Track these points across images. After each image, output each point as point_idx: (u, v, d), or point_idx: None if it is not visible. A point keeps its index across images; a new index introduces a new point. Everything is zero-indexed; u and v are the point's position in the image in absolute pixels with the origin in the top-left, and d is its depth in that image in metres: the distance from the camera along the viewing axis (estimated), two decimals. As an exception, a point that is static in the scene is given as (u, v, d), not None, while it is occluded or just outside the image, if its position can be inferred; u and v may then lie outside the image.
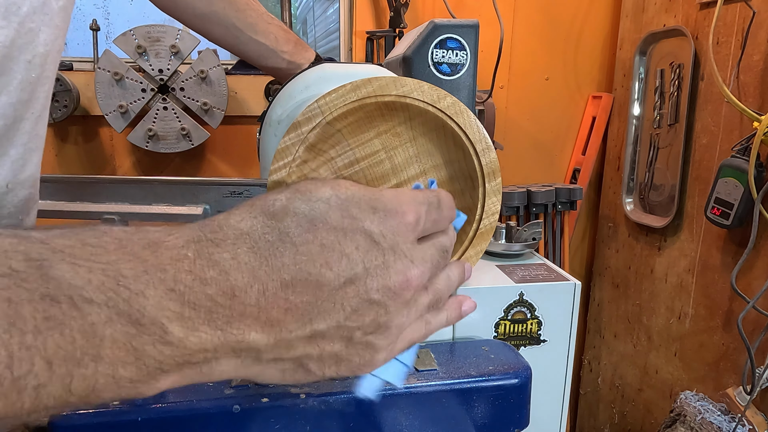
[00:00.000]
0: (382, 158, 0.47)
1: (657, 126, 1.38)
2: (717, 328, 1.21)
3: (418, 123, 0.46)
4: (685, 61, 1.27)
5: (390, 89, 0.43)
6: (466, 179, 0.47)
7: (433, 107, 0.44)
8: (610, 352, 1.62)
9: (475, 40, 0.76)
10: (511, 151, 1.56)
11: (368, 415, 0.64)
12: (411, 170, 0.48)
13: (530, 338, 0.85)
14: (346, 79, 0.42)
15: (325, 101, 0.42)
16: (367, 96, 0.42)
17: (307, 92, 0.58)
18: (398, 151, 0.47)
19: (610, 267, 1.61)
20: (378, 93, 0.43)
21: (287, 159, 0.42)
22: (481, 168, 0.46)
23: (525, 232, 1.02)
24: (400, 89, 0.43)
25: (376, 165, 0.47)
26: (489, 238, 0.47)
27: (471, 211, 0.47)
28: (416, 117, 0.45)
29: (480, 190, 0.46)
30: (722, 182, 1.10)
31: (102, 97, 1.17)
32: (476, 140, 0.45)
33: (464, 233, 0.47)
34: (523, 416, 0.70)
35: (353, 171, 0.47)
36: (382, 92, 0.43)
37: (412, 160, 0.48)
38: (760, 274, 1.08)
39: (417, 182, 0.46)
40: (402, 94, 0.43)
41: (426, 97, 0.43)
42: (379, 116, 0.45)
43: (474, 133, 0.45)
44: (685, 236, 1.30)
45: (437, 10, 1.40)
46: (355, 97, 0.42)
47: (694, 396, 1.19)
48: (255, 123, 1.36)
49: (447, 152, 0.47)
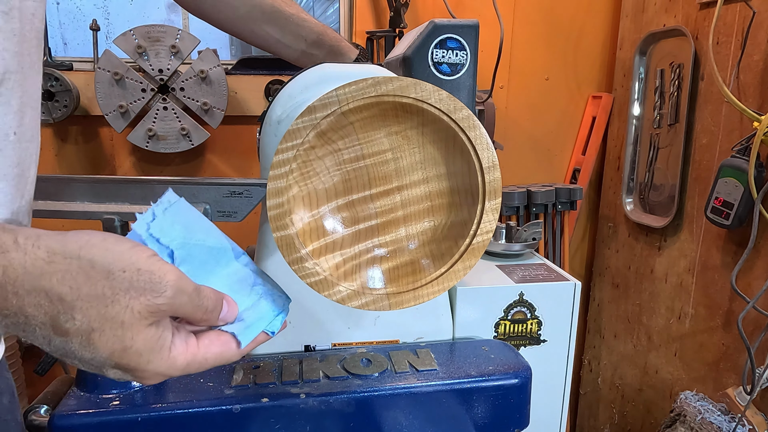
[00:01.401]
0: (387, 159, 0.47)
1: (657, 126, 1.38)
2: (717, 328, 1.21)
3: (430, 130, 0.46)
4: (685, 61, 1.27)
5: (410, 91, 0.43)
6: (467, 194, 0.47)
7: (447, 117, 0.44)
8: (610, 352, 1.62)
9: (475, 40, 0.76)
10: (511, 151, 1.56)
11: (368, 415, 0.64)
12: (414, 176, 0.48)
13: (530, 338, 0.85)
14: (346, 79, 0.42)
15: (344, 91, 0.42)
16: (386, 93, 0.42)
17: (307, 92, 0.58)
18: (405, 155, 0.47)
19: (610, 267, 1.61)
20: (398, 93, 0.43)
21: (296, 141, 0.42)
22: (483, 186, 0.45)
23: (525, 232, 1.02)
24: (419, 93, 0.43)
25: (381, 165, 0.47)
26: (480, 255, 0.47)
27: (466, 226, 0.47)
28: (429, 124, 0.45)
29: (479, 207, 0.46)
30: (722, 182, 1.10)
31: (102, 97, 1.17)
32: (484, 157, 0.45)
33: (455, 246, 0.47)
34: (523, 416, 0.70)
35: (358, 166, 0.47)
36: (402, 93, 0.43)
37: (417, 166, 0.48)
38: (760, 274, 1.08)
39: (415, 189, 0.46)
40: (420, 98, 0.43)
41: (443, 106, 0.43)
42: (393, 116, 0.45)
43: (483, 150, 0.45)
44: (685, 236, 1.30)
45: (437, 10, 1.40)
46: (375, 93, 0.42)
47: (694, 396, 1.19)
48: (255, 123, 1.35)
49: (452, 164, 0.47)
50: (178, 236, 0.41)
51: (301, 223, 0.45)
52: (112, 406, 0.59)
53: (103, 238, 0.36)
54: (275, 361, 0.68)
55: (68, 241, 0.35)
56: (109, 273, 0.34)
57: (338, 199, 0.47)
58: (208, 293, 0.39)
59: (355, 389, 0.63)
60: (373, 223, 0.49)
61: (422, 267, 0.48)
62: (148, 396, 0.62)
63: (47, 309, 0.34)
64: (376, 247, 0.49)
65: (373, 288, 0.47)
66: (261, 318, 0.43)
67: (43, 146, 1.26)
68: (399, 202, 0.48)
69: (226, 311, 0.41)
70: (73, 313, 0.34)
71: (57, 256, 0.34)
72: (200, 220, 0.43)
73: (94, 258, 0.34)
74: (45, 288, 0.33)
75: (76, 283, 0.34)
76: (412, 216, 0.49)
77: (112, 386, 0.62)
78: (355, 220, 0.48)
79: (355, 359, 0.68)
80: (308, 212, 0.46)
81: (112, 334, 0.35)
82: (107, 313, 0.34)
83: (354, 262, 0.48)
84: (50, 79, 1.17)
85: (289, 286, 0.57)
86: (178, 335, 0.38)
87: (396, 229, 0.49)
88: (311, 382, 0.64)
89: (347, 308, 0.47)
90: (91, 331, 0.34)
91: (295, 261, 0.44)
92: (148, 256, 0.36)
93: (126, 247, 0.36)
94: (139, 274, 0.35)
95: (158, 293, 0.35)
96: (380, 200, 0.48)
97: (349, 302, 0.46)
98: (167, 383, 0.64)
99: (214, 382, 0.64)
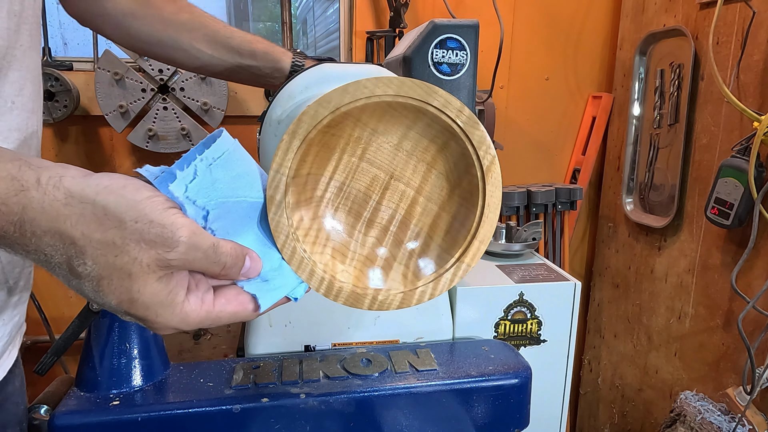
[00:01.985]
0: (388, 158, 0.47)
1: (657, 126, 1.38)
2: (717, 328, 1.21)
3: (431, 130, 0.45)
4: (685, 61, 1.27)
5: (415, 93, 0.42)
6: (466, 194, 0.47)
7: (448, 117, 0.43)
8: (610, 352, 1.62)
9: (475, 40, 0.76)
10: (511, 151, 1.56)
11: (368, 415, 0.64)
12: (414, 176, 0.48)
13: (530, 338, 0.85)
14: (347, 79, 0.42)
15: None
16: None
17: (307, 92, 0.57)
18: (405, 155, 0.47)
19: (610, 267, 1.61)
20: (417, 96, 0.42)
21: (299, 138, 0.42)
22: (483, 185, 0.45)
23: (525, 232, 1.02)
24: (440, 100, 0.43)
25: (381, 165, 0.47)
26: (480, 255, 0.47)
27: (466, 226, 0.47)
28: (432, 124, 0.45)
29: (479, 207, 0.46)
30: (722, 182, 1.10)
31: (102, 97, 1.17)
32: (484, 157, 0.45)
33: (455, 246, 0.47)
34: (523, 416, 0.70)
35: (358, 166, 0.47)
36: (404, 93, 0.42)
37: (417, 166, 0.48)
38: (760, 274, 1.08)
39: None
40: (430, 103, 0.43)
41: (448, 109, 0.43)
42: (393, 115, 0.44)
43: (483, 150, 0.45)
44: (685, 236, 1.30)
45: (437, 10, 1.40)
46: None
47: (694, 396, 1.19)
48: (255, 123, 1.35)
49: (453, 164, 0.47)
50: (217, 195, 0.38)
51: (301, 222, 0.45)
52: (112, 406, 0.59)
53: (123, 184, 0.35)
54: (275, 361, 0.68)
55: (89, 184, 0.34)
56: (120, 222, 0.33)
57: (338, 198, 0.47)
58: (228, 249, 0.38)
59: (355, 389, 0.63)
60: (372, 223, 0.49)
61: (422, 267, 0.48)
62: (148, 396, 0.62)
63: (62, 251, 0.33)
64: (376, 247, 0.49)
65: (373, 288, 0.47)
66: (285, 281, 0.42)
67: (44, 146, 1.26)
68: (399, 203, 0.48)
69: (248, 267, 0.40)
70: (84, 258, 0.34)
71: (74, 199, 0.33)
72: (247, 173, 0.40)
73: (108, 204, 0.34)
74: (60, 230, 0.33)
75: (89, 229, 0.33)
76: (412, 216, 0.49)
77: (112, 386, 0.62)
78: (355, 220, 0.48)
79: (355, 359, 0.68)
80: (308, 211, 0.46)
81: (120, 284, 0.34)
82: (116, 262, 0.34)
83: (354, 262, 0.48)
84: (50, 79, 1.17)
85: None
86: (194, 291, 0.38)
87: (396, 228, 0.49)
88: (311, 382, 0.64)
89: (347, 308, 0.47)
90: (100, 278, 0.34)
91: (295, 260, 0.44)
92: (164, 208, 0.35)
93: (143, 196, 0.34)
94: (151, 226, 0.34)
95: (169, 248, 0.34)
96: (380, 200, 0.48)
97: (348, 302, 0.46)
98: (167, 383, 0.64)
99: (214, 382, 0.64)
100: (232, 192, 0.39)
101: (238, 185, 0.40)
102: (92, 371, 0.62)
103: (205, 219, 0.38)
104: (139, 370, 0.63)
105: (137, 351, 0.63)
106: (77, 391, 0.62)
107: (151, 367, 0.64)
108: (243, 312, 0.40)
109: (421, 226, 0.49)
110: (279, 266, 0.42)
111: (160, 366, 0.65)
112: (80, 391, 0.62)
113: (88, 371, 0.62)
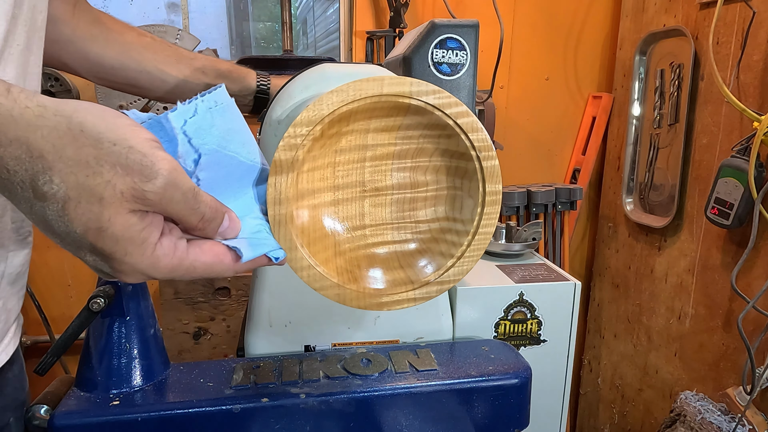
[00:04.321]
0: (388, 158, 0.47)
1: (657, 126, 1.38)
2: (717, 328, 1.21)
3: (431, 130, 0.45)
4: (685, 61, 1.27)
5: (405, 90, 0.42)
6: (466, 193, 0.47)
7: (447, 116, 0.43)
8: (610, 352, 1.62)
9: (475, 40, 0.76)
10: (511, 151, 1.56)
11: (368, 415, 0.64)
12: (414, 176, 0.48)
13: (530, 338, 0.85)
14: (347, 78, 0.42)
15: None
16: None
17: (307, 92, 0.57)
18: (405, 155, 0.47)
19: (610, 267, 1.61)
20: (417, 95, 0.43)
21: (301, 134, 0.41)
22: (483, 186, 0.46)
23: (525, 232, 1.02)
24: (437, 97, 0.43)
25: (381, 164, 0.47)
26: (480, 255, 0.47)
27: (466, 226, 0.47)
28: (431, 126, 0.45)
29: (478, 207, 0.46)
30: (722, 182, 1.10)
31: (102, 97, 1.17)
32: (484, 156, 0.45)
33: (455, 246, 0.47)
34: (523, 416, 0.70)
35: (358, 166, 0.47)
36: (399, 92, 0.42)
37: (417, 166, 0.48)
38: (760, 274, 1.08)
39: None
40: (422, 99, 0.43)
41: (447, 109, 0.43)
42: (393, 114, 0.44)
43: (483, 150, 0.45)
44: (685, 236, 1.30)
45: (437, 10, 1.41)
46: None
47: (694, 396, 1.19)
48: (255, 123, 1.35)
49: (453, 164, 0.47)
50: (212, 141, 0.36)
51: (300, 221, 0.45)
52: (112, 406, 0.59)
53: (102, 109, 0.33)
54: (275, 361, 0.68)
55: (66, 102, 0.32)
56: (97, 141, 0.31)
57: (338, 198, 0.47)
58: (208, 200, 0.35)
59: (355, 389, 0.63)
60: (373, 223, 0.49)
61: (422, 267, 0.48)
62: (148, 396, 0.62)
63: (27, 165, 0.30)
64: (376, 247, 0.49)
65: (373, 288, 0.47)
66: (264, 242, 0.40)
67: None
68: (399, 203, 0.48)
69: (227, 226, 0.37)
70: (52, 174, 0.30)
71: (47, 111, 0.31)
72: (242, 130, 0.39)
73: (85, 122, 0.31)
74: (28, 141, 0.30)
75: (61, 143, 0.31)
76: (412, 216, 0.49)
77: (112, 386, 0.62)
78: (355, 220, 0.48)
79: (355, 359, 0.68)
80: (307, 211, 0.46)
81: (88, 209, 0.31)
82: (86, 183, 0.31)
83: (354, 262, 0.48)
84: (50, 79, 1.17)
85: (288, 286, 0.57)
86: (167, 236, 0.35)
87: (396, 229, 0.49)
88: (311, 382, 0.64)
89: (347, 308, 0.47)
90: (67, 199, 0.31)
91: (294, 259, 0.44)
92: (147, 139, 0.32)
93: (125, 122, 0.32)
94: (130, 152, 0.31)
95: (147, 178, 0.31)
96: (380, 200, 0.48)
97: (349, 302, 0.46)
98: (167, 383, 0.64)
99: (214, 382, 0.64)
100: (227, 143, 0.37)
101: (233, 139, 0.38)
102: (92, 371, 0.62)
103: (195, 163, 0.36)
104: (138, 370, 0.63)
105: (137, 351, 0.63)
106: (77, 391, 0.62)
107: (151, 367, 0.64)
108: (219, 265, 0.37)
109: (422, 227, 0.49)
110: (256, 232, 0.40)
111: (160, 366, 0.65)
112: (80, 391, 0.62)
113: (88, 371, 0.62)
